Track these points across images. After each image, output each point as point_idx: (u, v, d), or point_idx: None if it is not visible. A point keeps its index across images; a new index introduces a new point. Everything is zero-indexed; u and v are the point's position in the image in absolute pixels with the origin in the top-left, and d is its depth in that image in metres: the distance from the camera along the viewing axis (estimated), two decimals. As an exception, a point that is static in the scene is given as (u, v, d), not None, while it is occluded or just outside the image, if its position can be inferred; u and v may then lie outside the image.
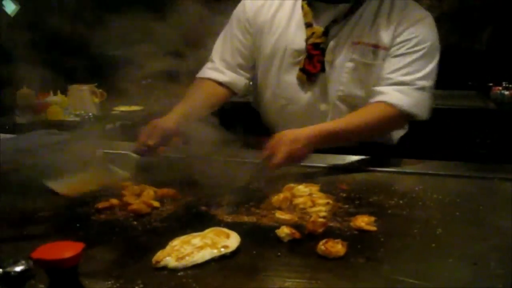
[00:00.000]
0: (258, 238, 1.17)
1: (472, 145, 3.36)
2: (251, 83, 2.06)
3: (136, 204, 1.34)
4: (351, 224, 1.22)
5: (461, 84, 3.99)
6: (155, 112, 3.61)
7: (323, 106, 1.86)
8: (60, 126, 2.86)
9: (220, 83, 1.94)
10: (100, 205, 1.37)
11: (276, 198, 1.36)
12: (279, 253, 1.09)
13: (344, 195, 1.46)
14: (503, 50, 3.96)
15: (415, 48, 1.75)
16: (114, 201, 1.39)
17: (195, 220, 1.29)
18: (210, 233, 1.14)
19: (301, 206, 1.33)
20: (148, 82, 2.97)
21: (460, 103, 3.61)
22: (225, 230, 1.16)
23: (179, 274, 1.02)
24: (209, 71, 1.97)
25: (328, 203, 1.34)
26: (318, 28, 1.79)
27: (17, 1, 4.21)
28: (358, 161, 1.80)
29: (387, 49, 1.77)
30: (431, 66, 1.78)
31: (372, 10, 1.80)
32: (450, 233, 1.19)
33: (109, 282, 0.98)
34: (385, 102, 1.71)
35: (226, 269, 1.03)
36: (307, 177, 1.61)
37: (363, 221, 1.21)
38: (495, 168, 1.72)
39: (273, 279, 0.99)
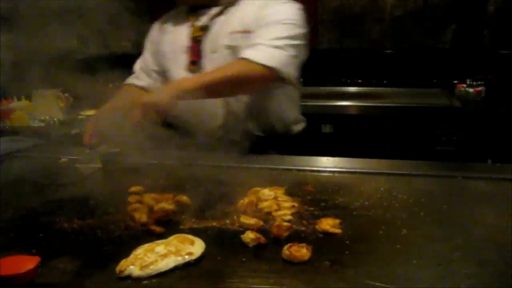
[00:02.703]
0: (223, 243, 1.17)
1: (439, 142, 3.41)
2: None
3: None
4: (316, 227, 1.22)
5: (426, 82, 4.04)
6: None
7: None
8: (25, 132, 2.81)
9: (140, 88, 2.25)
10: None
11: (242, 203, 1.35)
12: (244, 259, 1.09)
13: (310, 197, 1.46)
14: (466, 47, 4.02)
15: (273, 19, 1.94)
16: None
17: (159, 227, 1.27)
18: (174, 240, 1.13)
19: (267, 210, 1.32)
20: (115, 85, 2.94)
21: (425, 101, 3.65)
22: (190, 236, 1.15)
23: (143, 283, 1.01)
24: (130, 79, 2.28)
25: (293, 206, 1.34)
26: (197, 26, 2.09)
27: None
28: (323, 161, 1.81)
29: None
30: (291, 32, 1.93)
31: (241, 5, 2.07)
32: (414, 233, 1.20)
33: (71, 294, 0.96)
34: (242, 59, 1.87)
35: (191, 276, 1.03)
36: (273, 180, 1.60)
37: (328, 224, 1.21)
38: (458, 166, 1.75)
39: (237, 285, 0.99)
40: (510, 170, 1.65)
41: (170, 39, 2.18)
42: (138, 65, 2.33)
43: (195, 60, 2.07)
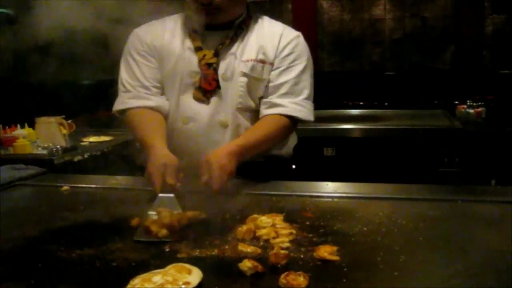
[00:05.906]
0: (220, 272, 1.16)
1: (442, 164, 3.40)
2: None
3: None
4: (314, 254, 1.22)
5: (427, 103, 4.05)
6: (124, 142, 3.60)
7: (222, 119, 2.04)
8: (28, 160, 2.83)
9: (152, 109, 2.03)
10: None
11: (240, 230, 1.35)
12: (240, 288, 1.08)
13: (309, 223, 1.45)
14: (466, 68, 4.03)
15: (297, 62, 2.05)
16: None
17: (157, 256, 1.27)
18: (171, 270, 1.13)
19: (265, 237, 1.32)
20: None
21: (426, 122, 3.66)
22: (187, 265, 1.15)
23: (140, 313, 1.00)
24: (134, 101, 2.04)
25: (291, 233, 1.33)
26: (209, 51, 2.01)
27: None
28: (323, 186, 1.80)
29: (272, 64, 2.05)
30: (311, 77, 2.09)
31: (254, 31, 2.08)
32: (413, 260, 1.19)
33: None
34: (285, 115, 2.00)
35: (187, 307, 1.02)
36: (272, 206, 1.61)
37: (326, 251, 1.20)
38: (459, 190, 1.74)
39: (234, 315, 0.98)
40: (511, 193, 1.64)
41: (174, 61, 2.03)
42: (130, 83, 2.06)
43: (210, 89, 2.00)
